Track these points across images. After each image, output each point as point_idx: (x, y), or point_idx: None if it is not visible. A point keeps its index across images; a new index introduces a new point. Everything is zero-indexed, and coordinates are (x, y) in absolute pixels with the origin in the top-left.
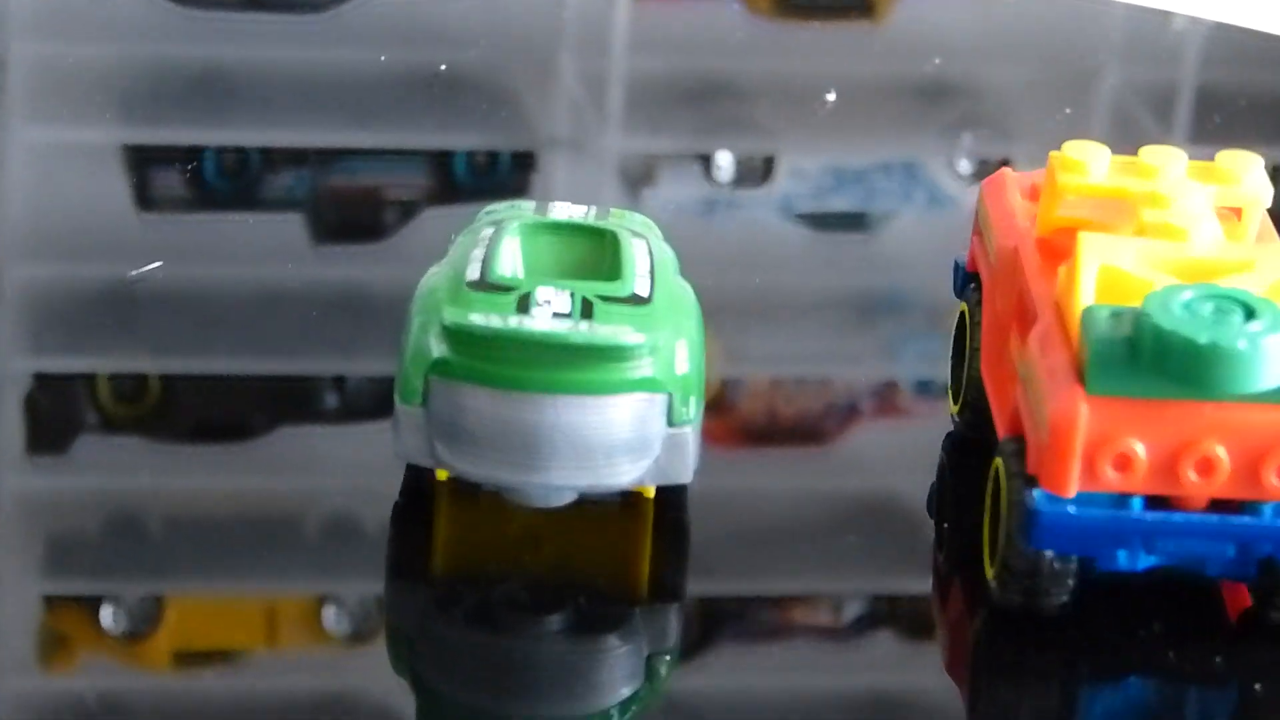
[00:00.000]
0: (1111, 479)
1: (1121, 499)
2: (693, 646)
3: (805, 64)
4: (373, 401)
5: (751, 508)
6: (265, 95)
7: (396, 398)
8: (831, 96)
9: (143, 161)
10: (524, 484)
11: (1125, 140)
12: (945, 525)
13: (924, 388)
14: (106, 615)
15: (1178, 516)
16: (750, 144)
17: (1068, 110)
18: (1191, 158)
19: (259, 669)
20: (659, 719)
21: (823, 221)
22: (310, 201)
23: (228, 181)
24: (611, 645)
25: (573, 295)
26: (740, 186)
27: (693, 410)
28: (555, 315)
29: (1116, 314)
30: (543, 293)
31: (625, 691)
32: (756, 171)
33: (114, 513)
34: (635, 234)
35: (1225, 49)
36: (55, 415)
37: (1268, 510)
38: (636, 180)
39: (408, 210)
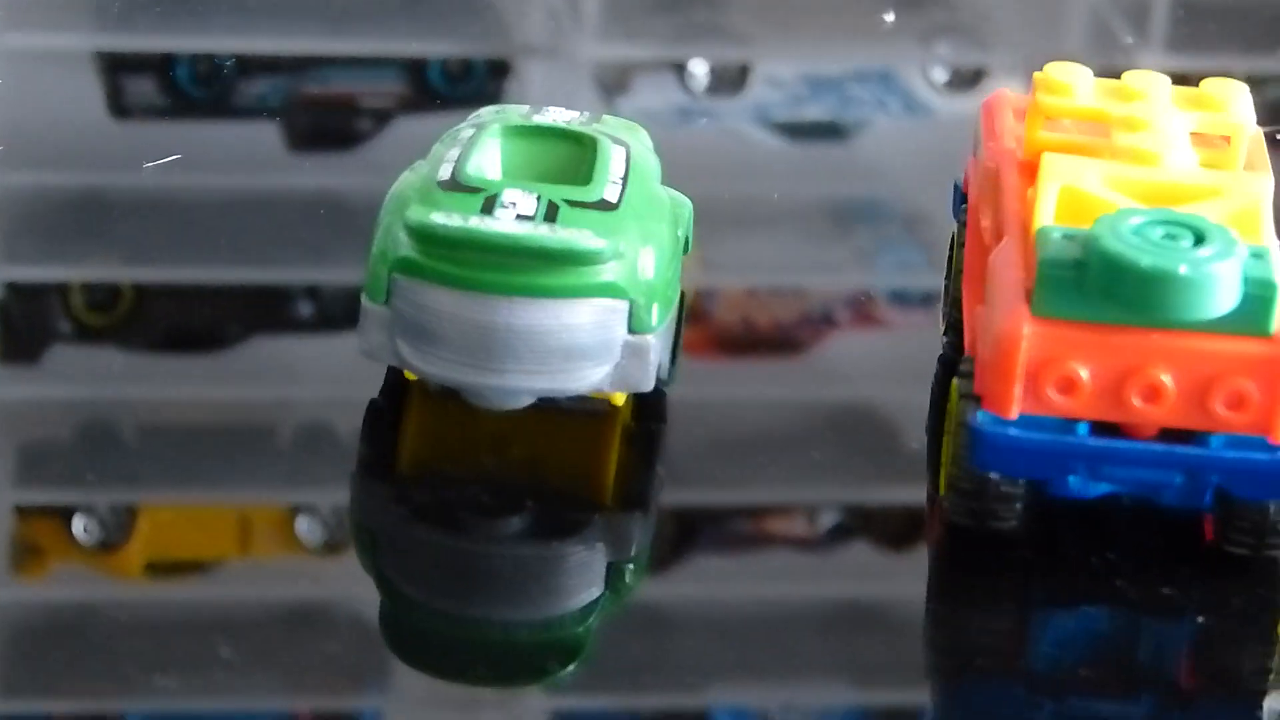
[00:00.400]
0: (1056, 402)
1: (1068, 424)
2: (657, 554)
3: None
4: (347, 310)
5: (726, 417)
6: (239, 1)
7: (363, 295)
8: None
9: (117, 68)
10: (480, 385)
11: (1101, 50)
12: (923, 441)
13: (900, 297)
14: (79, 525)
15: (1122, 443)
16: (725, 52)
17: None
18: (1168, 69)
19: (232, 578)
20: (620, 626)
21: (798, 130)
22: (285, 109)
23: (202, 88)
24: (571, 550)
25: (540, 198)
26: (715, 94)
27: (656, 318)
28: (519, 217)
29: (1070, 236)
30: (509, 195)
31: (585, 597)
32: (732, 79)
33: (87, 422)
34: (616, 140)
35: None
36: (27, 323)
37: (1216, 440)
38: (611, 88)
39: (382, 117)
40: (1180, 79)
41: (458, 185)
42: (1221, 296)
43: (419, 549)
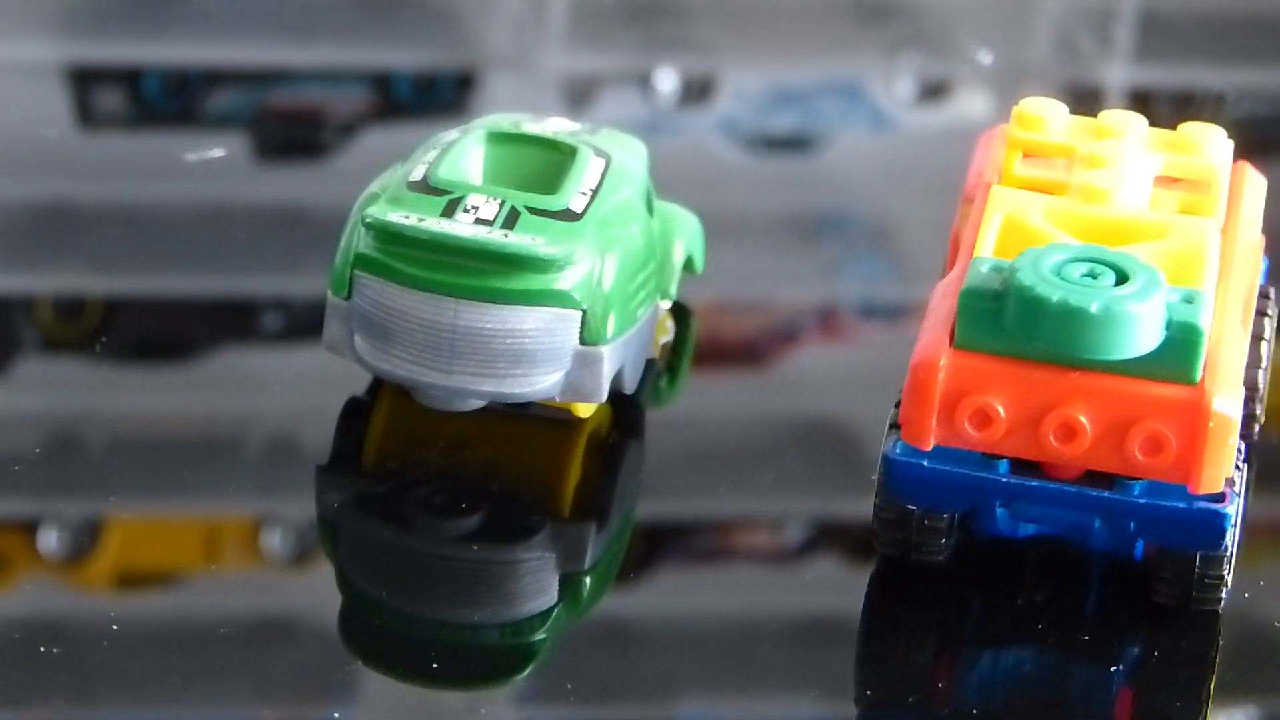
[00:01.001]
0: (971, 436)
1: (989, 459)
2: (622, 566)
3: None
4: (315, 321)
5: (693, 429)
6: (206, 12)
7: (328, 289)
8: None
9: (83, 79)
10: (427, 384)
11: (1067, 62)
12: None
13: (867, 310)
14: (46, 536)
15: (1037, 482)
16: (692, 64)
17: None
18: (1133, 80)
19: (200, 590)
20: (581, 638)
21: (765, 142)
22: (251, 120)
23: (168, 100)
24: (520, 557)
25: (503, 204)
26: (682, 106)
27: (613, 330)
28: (478, 221)
29: (998, 268)
30: (473, 199)
31: (535, 605)
32: (698, 92)
33: (53, 433)
34: (599, 152)
35: None
36: None
37: (1138, 486)
38: (578, 99)
39: (348, 129)
40: (1144, 94)
41: (426, 187)
42: (1139, 337)
43: (371, 548)
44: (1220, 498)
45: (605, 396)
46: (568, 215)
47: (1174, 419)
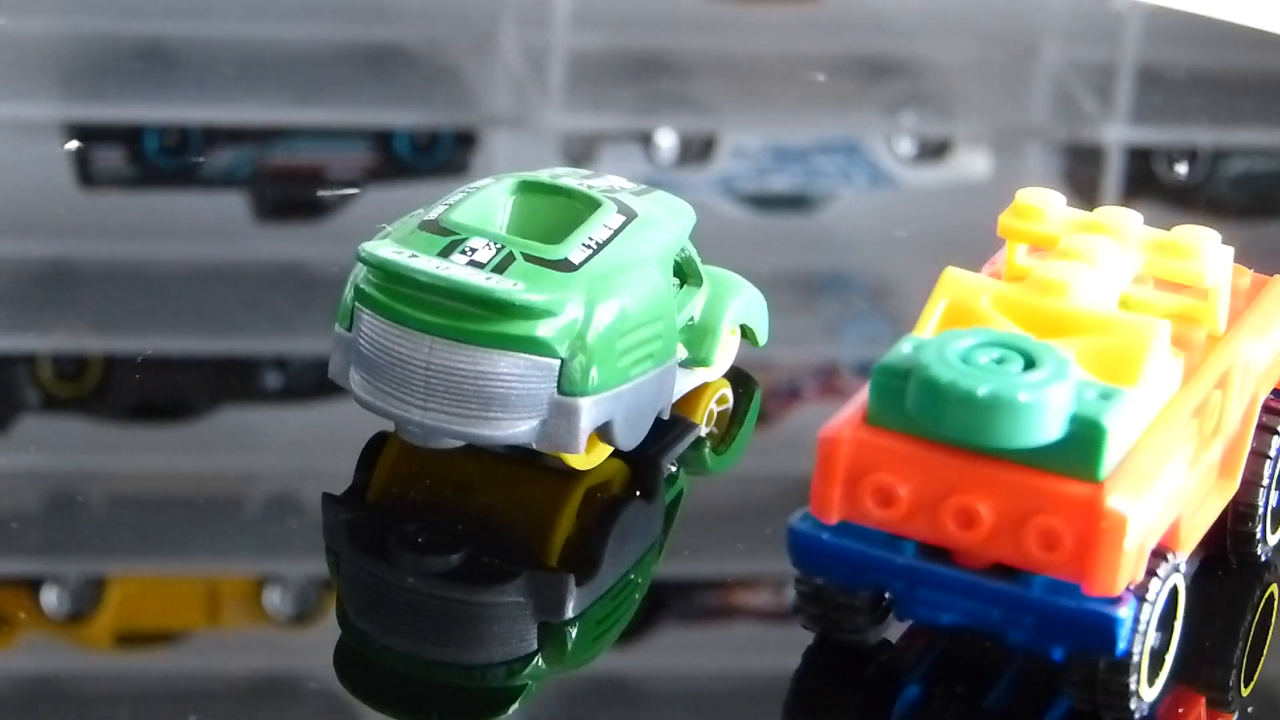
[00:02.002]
0: (874, 514)
1: (898, 541)
2: (607, 621)
3: (747, 42)
4: (314, 380)
5: (690, 486)
6: (207, 71)
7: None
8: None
9: (84, 137)
10: (404, 419)
11: (1066, 121)
12: None
13: (866, 369)
14: (48, 596)
15: (932, 567)
16: (692, 123)
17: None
18: (1131, 139)
19: (201, 649)
20: (567, 689)
21: (764, 201)
22: (252, 179)
23: (169, 158)
24: (498, 603)
25: (501, 249)
26: (682, 165)
27: (595, 382)
28: (471, 264)
29: (919, 347)
30: (474, 242)
31: (510, 651)
32: (698, 150)
33: (55, 492)
34: (624, 209)
35: (1164, 30)
36: None
37: (1038, 581)
38: (578, 158)
39: (349, 188)
40: (1142, 151)
41: (435, 227)
42: (1031, 426)
43: (355, 584)
44: (1116, 601)
45: (582, 448)
46: (564, 265)
47: (1070, 515)
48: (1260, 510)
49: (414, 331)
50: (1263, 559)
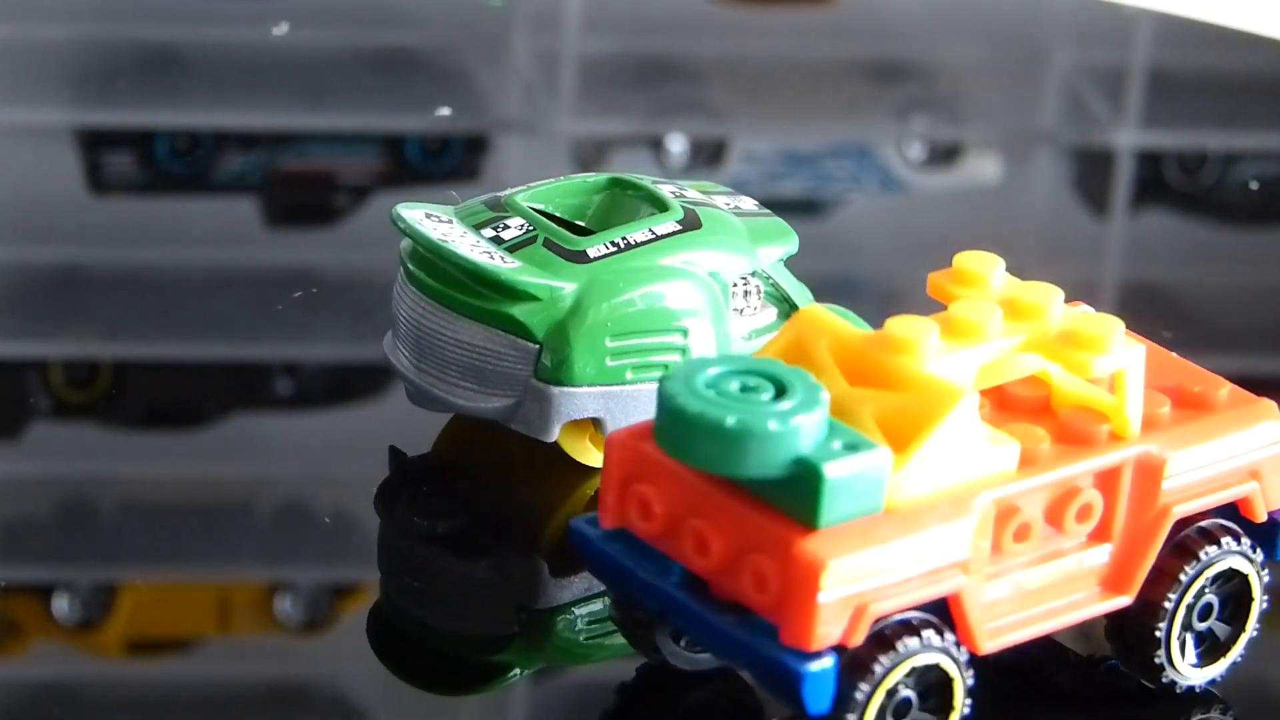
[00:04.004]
0: (638, 525)
1: (667, 562)
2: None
3: (758, 46)
4: (325, 386)
5: None
6: (217, 77)
7: None
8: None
9: (94, 143)
10: (404, 377)
11: (1077, 125)
12: None
13: None
14: (59, 603)
15: (654, 582)
16: (703, 127)
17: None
18: (1142, 143)
19: (212, 656)
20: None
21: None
22: (262, 184)
23: (180, 164)
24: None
25: (529, 230)
26: (693, 168)
27: (575, 375)
28: (495, 240)
29: (675, 370)
30: (512, 220)
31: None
32: (709, 155)
33: (66, 499)
34: (689, 222)
35: (1174, 36)
36: (7, 400)
37: (759, 621)
38: (588, 163)
39: (360, 193)
40: (1154, 155)
41: (495, 202)
42: (738, 454)
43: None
44: (809, 656)
45: (554, 437)
46: (578, 257)
47: (775, 556)
48: (1163, 635)
49: (418, 293)
50: (1181, 689)
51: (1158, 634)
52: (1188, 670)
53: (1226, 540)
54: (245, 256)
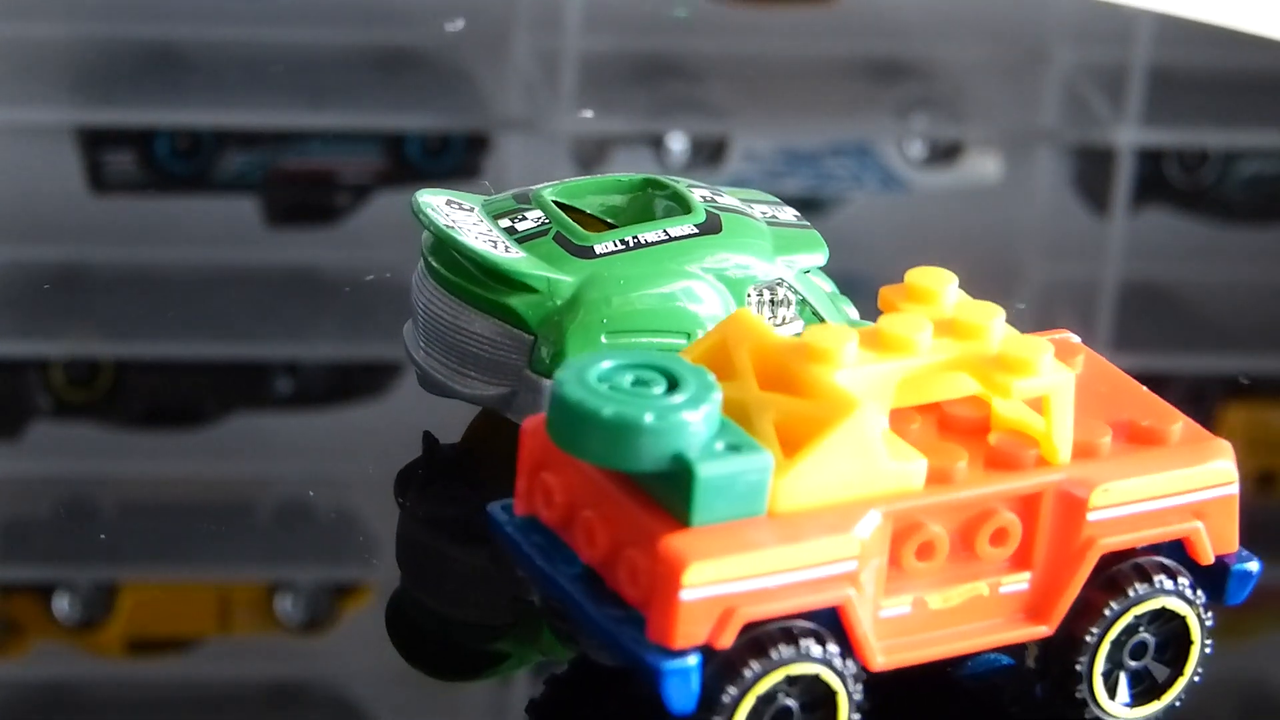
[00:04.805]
0: (543, 512)
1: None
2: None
3: (758, 45)
4: (326, 385)
5: None
6: (218, 76)
7: None
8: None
9: (95, 142)
10: (414, 358)
11: (1077, 123)
12: None
13: None
14: (59, 602)
15: (549, 570)
16: (703, 126)
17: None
18: (1143, 141)
19: (212, 656)
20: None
21: None
22: (263, 183)
23: (181, 163)
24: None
25: (544, 223)
26: (693, 167)
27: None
28: (508, 230)
29: (568, 363)
30: (531, 213)
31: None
32: (709, 153)
33: (67, 498)
34: (708, 228)
35: (1174, 36)
36: (7, 399)
37: (637, 616)
38: (589, 161)
39: (360, 192)
40: (1154, 153)
41: (524, 195)
42: (618, 448)
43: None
44: (672, 654)
45: None
46: (585, 252)
47: (645, 551)
48: (1084, 670)
49: (430, 280)
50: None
51: (1078, 668)
52: (1116, 709)
53: (1160, 579)
54: (245, 256)
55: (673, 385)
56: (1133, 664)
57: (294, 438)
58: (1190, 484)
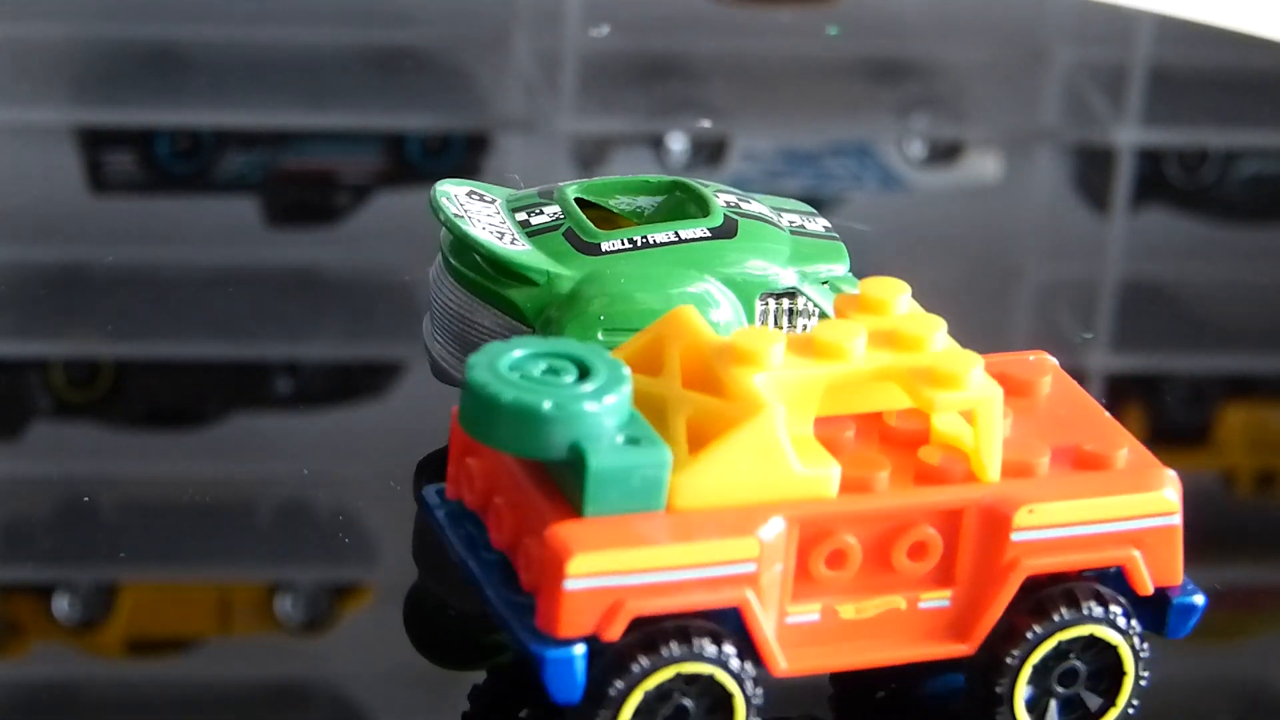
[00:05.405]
0: (466, 496)
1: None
2: None
3: (758, 44)
4: (326, 385)
5: None
6: (218, 76)
7: None
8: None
9: (95, 142)
10: (428, 346)
11: (1077, 123)
12: None
13: None
14: (59, 602)
15: (463, 553)
16: (703, 125)
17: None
18: (1143, 141)
19: (212, 657)
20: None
21: None
22: (263, 183)
23: (181, 163)
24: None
25: (559, 218)
26: (693, 167)
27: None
28: (522, 223)
29: (482, 351)
30: (549, 208)
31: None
32: (709, 153)
33: (67, 499)
34: (724, 232)
35: (1174, 36)
36: (7, 399)
37: (532, 604)
38: (589, 161)
39: (360, 192)
40: (1154, 153)
41: (549, 191)
42: (516, 434)
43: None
44: (557, 642)
45: None
46: (591, 249)
47: (537, 539)
48: (1004, 692)
49: (445, 271)
50: None
51: (999, 690)
52: None
53: (1090, 605)
54: (245, 256)
55: (584, 375)
56: (1062, 690)
57: (294, 438)
58: (1127, 511)
